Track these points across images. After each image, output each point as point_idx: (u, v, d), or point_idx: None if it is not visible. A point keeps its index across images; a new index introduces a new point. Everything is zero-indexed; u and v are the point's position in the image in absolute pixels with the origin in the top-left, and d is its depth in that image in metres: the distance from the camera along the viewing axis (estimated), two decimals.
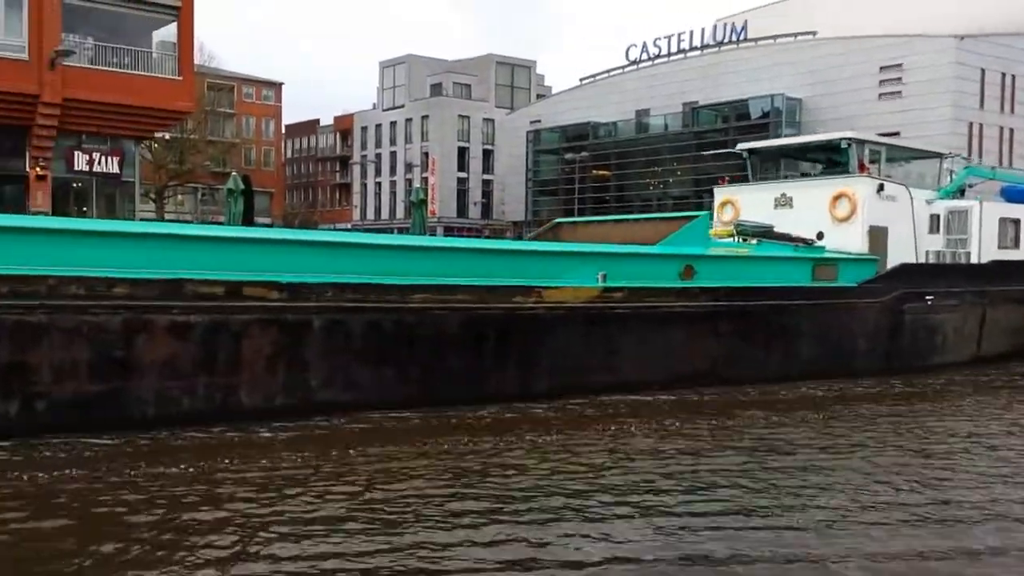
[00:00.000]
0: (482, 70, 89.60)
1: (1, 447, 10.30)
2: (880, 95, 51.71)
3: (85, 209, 32.87)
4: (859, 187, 19.69)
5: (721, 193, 23.00)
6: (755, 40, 58.58)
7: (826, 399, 15.98)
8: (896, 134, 43.75)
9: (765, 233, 18.83)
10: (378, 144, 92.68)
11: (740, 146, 23.78)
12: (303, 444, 11.14)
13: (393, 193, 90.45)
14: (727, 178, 24.19)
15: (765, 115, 55.69)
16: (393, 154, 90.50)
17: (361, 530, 7.90)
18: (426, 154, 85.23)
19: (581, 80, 71.60)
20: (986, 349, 21.13)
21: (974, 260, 20.96)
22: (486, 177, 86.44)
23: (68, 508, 8.40)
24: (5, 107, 29.77)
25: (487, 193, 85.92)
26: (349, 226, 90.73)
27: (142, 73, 32.94)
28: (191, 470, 9.77)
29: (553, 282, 14.82)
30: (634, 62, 65.71)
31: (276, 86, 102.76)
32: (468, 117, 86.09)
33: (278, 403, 12.44)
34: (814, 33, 56.16)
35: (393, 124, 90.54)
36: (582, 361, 15.03)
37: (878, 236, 19.67)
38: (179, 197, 79.45)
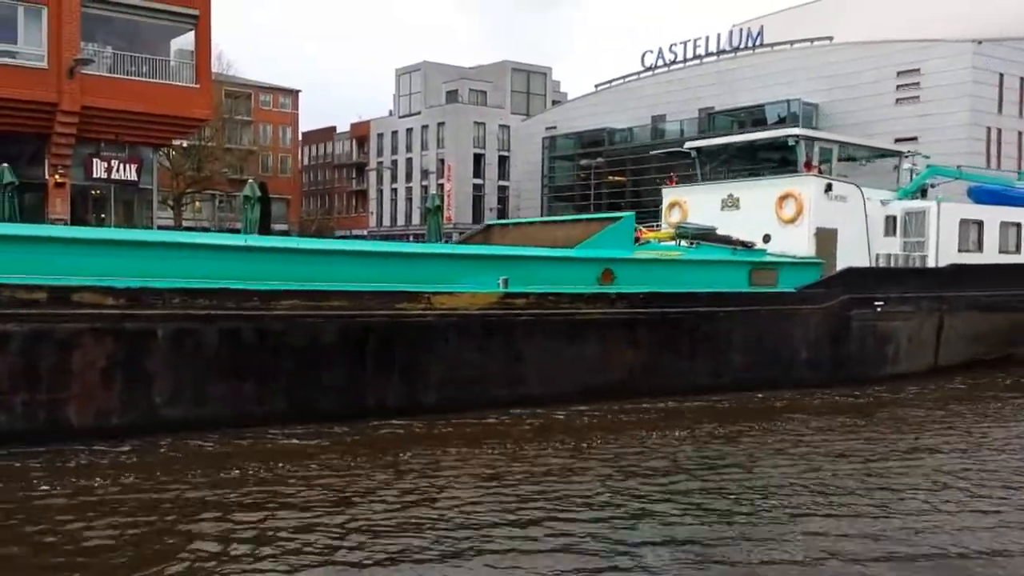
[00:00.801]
0: (498, 77, 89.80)
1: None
2: (897, 100, 51.42)
3: (104, 216, 33.13)
4: (806, 187, 18.67)
5: (669, 194, 21.97)
6: (771, 45, 58.40)
7: (729, 411, 14.96)
8: (914, 139, 43.54)
9: (704, 236, 17.97)
10: (394, 151, 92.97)
11: (688, 144, 22.87)
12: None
13: (409, 199, 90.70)
14: (675, 178, 23.41)
15: (781, 120, 55.46)
16: (409, 160, 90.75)
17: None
18: (442, 160, 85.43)
19: (596, 86, 71.62)
20: (945, 358, 19.88)
21: (931, 264, 19.81)
22: (502, 183, 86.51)
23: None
24: (25, 115, 30.04)
25: (503, 199, 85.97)
26: (365, 232, 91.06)
27: (160, 81, 33.20)
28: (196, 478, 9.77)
29: (447, 287, 13.81)
30: (650, 68, 65.66)
31: (293, 93, 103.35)
32: (484, 124, 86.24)
33: (115, 421, 11.38)
34: (831, 38, 55.95)
35: (409, 131, 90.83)
36: (480, 373, 13.95)
37: (826, 238, 18.63)
38: (197, 204, 79.96)
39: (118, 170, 32.92)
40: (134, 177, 33.27)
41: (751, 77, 58.08)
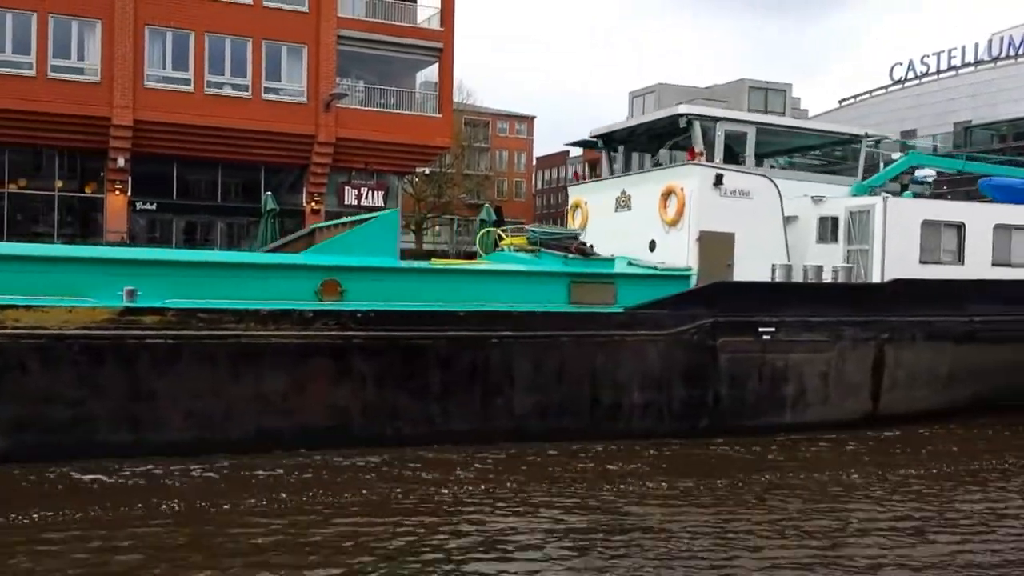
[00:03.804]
0: (735, 95, 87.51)
1: None
2: None
3: None
4: (688, 180, 14.74)
5: (572, 194, 18.47)
6: None
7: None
8: None
9: (545, 242, 14.51)
10: None
11: (592, 131, 18.56)
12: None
13: None
14: (578, 173, 19.88)
15: None
16: None
17: None
18: None
19: (840, 102, 68.55)
20: (890, 404, 14.82)
21: (876, 278, 15.03)
22: None
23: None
24: (288, 148, 32.63)
25: None
26: None
27: (406, 112, 35.07)
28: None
29: (52, 300, 10.69)
30: (899, 81, 62.14)
31: (528, 120, 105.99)
32: None
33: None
34: None
35: None
36: (84, 412, 10.67)
37: (715, 245, 14.60)
38: (436, 228, 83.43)
39: (367, 196, 35.06)
40: (381, 203, 35.29)
41: (1013, 88, 53.58)
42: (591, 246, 14.42)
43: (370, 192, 35.19)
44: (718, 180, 14.70)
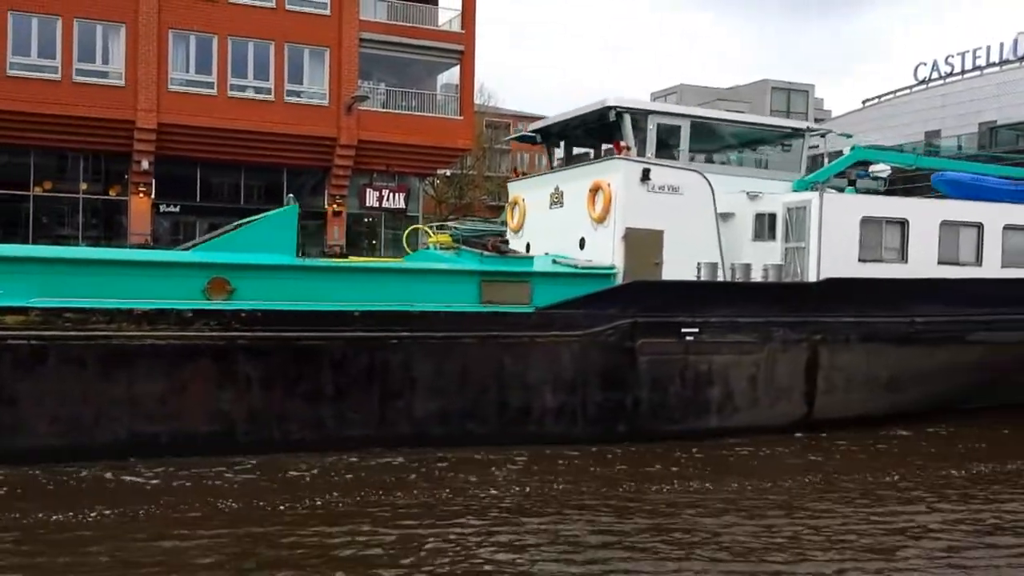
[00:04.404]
0: (756, 96, 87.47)
1: None
2: None
3: (374, 242, 35.38)
4: (613, 175, 14.23)
5: (511, 190, 17.61)
6: None
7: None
8: None
9: (467, 240, 14.16)
10: None
11: (531, 126, 17.98)
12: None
13: None
14: (519, 170, 19.20)
15: None
16: None
17: None
18: None
19: (864, 102, 68.18)
20: (827, 408, 14.22)
21: (812, 277, 14.37)
22: None
23: None
24: (310, 150, 32.77)
25: None
26: None
27: (427, 114, 35.13)
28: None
29: None
30: (923, 81, 61.67)
31: None
32: None
33: None
34: None
35: None
36: None
37: (643, 243, 14.03)
38: None
39: (388, 199, 35.18)
40: (402, 205, 35.40)
41: None
42: (528, 245, 14.00)
43: (391, 194, 35.28)
44: (645, 175, 14.11)
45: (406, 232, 15.02)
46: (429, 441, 11.96)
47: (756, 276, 14.13)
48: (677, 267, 13.91)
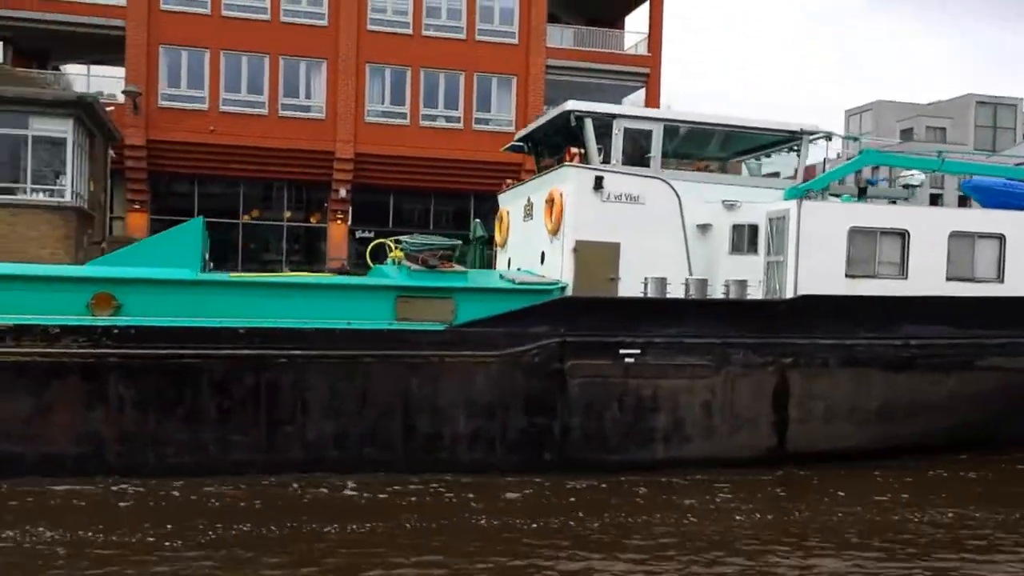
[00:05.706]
0: (960, 111, 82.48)
1: None
2: None
3: None
4: (564, 184, 13.18)
5: (500, 203, 16.80)
6: None
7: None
8: None
9: (414, 254, 12.80)
10: None
11: (519, 134, 16.85)
12: None
13: None
14: (509, 181, 17.46)
15: None
16: None
17: None
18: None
19: None
20: (802, 440, 12.70)
21: (789, 293, 12.83)
22: None
23: None
24: (497, 176, 33.26)
25: None
26: None
27: None
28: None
29: None
30: None
31: None
32: None
33: None
34: None
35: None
36: None
37: (595, 257, 12.93)
38: None
39: None
40: None
41: None
42: (509, 261, 13.98)
43: None
44: (598, 184, 13.11)
45: (369, 247, 14.37)
46: (323, 467, 11.32)
47: (718, 293, 12.93)
48: (637, 283, 12.87)
